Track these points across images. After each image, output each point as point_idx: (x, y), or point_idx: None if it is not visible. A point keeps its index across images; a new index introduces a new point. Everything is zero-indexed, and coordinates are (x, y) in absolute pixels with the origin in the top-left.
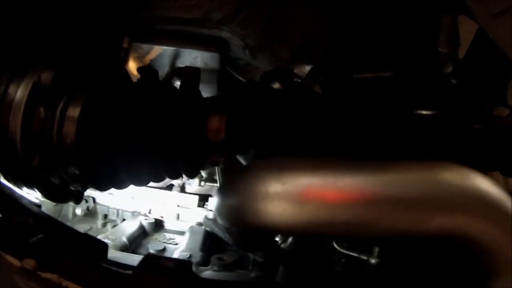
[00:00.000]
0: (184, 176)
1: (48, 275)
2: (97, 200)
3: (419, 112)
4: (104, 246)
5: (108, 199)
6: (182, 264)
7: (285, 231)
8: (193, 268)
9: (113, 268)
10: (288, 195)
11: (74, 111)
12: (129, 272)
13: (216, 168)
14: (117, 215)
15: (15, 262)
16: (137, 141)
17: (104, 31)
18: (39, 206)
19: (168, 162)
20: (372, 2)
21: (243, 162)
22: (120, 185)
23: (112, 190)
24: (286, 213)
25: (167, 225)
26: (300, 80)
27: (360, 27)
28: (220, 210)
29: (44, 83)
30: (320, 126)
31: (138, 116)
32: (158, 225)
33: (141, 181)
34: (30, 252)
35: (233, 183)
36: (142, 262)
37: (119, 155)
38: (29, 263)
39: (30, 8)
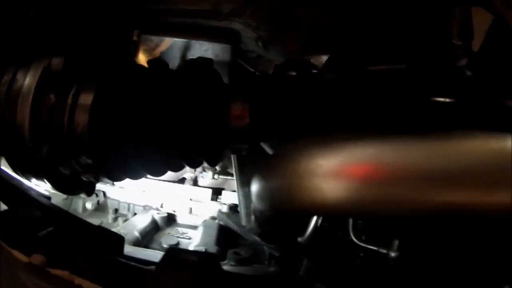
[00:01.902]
0: (205, 165)
1: (58, 272)
2: (108, 194)
3: (436, 99)
4: (120, 239)
5: (119, 193)
6: (207, 258)
7: (346, 212)
8: None
9: (132, 263)
10: (356, 169)
11: (86, 99)
12: (150, 267)
13: (232, 160)
14: (128, 209)
15: (22, 257)
16: (153, 129)
17: (114, 22)
18: (48, 198)
19: (188, 150)
20: None
21: (267, 149)
22: (135, 175)
23: (123, 184)
24: (350, 190)
25: (179, 219)
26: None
27: (372, 19)
28: (262, 193)
29: (55, 69)
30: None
31: (154, 103)
32: (170, 219)
33: (158, 171)
34: (39, 246)
35: (281, 161)
36: (165, 257)
37: (134, 144)
38: (37, 259)
39: (31, 8)
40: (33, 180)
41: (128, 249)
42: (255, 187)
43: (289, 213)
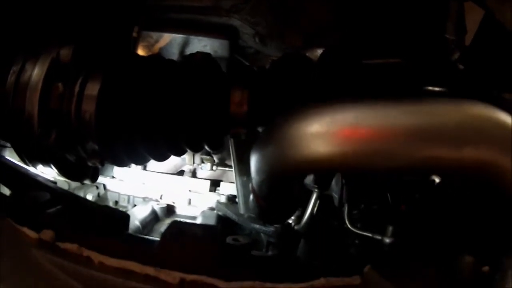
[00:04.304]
0: (203, 156)
1: (68, 246)
2: (108, 187)
3: (430, 88)
4: (126, 216)
5: (119, 185)
6: (211, 230)
7: (335, 167)
8: None
9: (139, 235)
10: (344, 131)
11: (93, 88)
12: (156, 239)
13: (230, 149)
14: (128, 201)
15: (32, 234)
16: (158, 115)
17: (117, 15)
18: (54, 183)
19: (191, 135)
20: None
21: None
22: (139, 160)
23: (123, 176)
24: (340, 148)
25: (178, 210)
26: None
27: (369, 14)
28: (261, 160)
29: (63, 59)
30: None
31: (158, 90)
32: (169, 210)
33: (163, 156)
34: (48, 222)
35: (281, 126)
36: (169, 228)
37: (139, 130)
38: (47, 234)
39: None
40: (39, 167)
41: None
42: (253, 159)
43: (286, 175)
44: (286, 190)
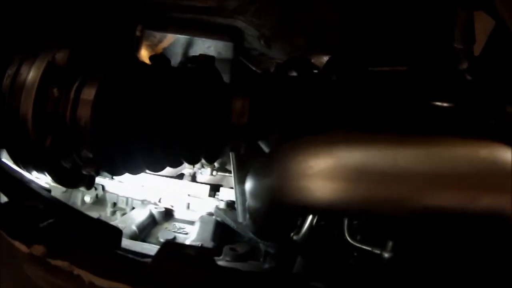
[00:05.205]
0: (203, 161)
1: (59, 263)
2: (106, 188)
3: (435, 103)
4: (118, 232)
5: (118, 187)
6: (203, 252)
7: (337, 210)
8: None
9: (129, 255)
10: (344, 171)
11: (89, 93)
12: (147, 260)
13: (230, 157)
14: (127, 203)
15: (22, 248)
16: (154, 125)
17: (119, 16)
18: (49, 191)
19: (188, 146)
20: None
21: (265, 148)
22: (135, 170)
23: (122, 178)
24: (341, 190)
25: (177, 215)
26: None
27: (375, 20)
28: (256, 191)
29: (59, 63)
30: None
31: (156, 99)
32: (168, 214)
33: (158, 167)
34: (39, 237)
35: (276, 160)
36: (161, 250)
37: (135, 139)
38: (38, 250)
39: None
40: (34, 172)
41: (126, 243)
42: (249, 185)
43: (280, 211)
44: (282, 219)
